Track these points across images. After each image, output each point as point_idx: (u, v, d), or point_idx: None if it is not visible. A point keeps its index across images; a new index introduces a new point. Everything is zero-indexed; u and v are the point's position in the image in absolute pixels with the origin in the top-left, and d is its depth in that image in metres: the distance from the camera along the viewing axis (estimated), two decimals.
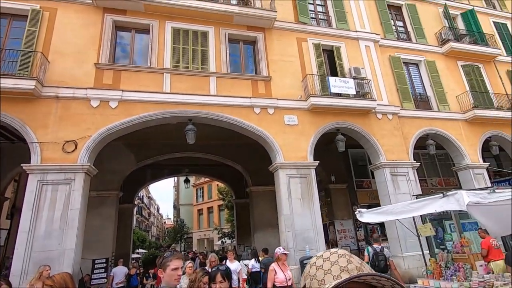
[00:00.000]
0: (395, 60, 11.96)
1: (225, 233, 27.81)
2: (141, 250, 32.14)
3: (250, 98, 9.22)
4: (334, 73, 10.47)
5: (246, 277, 7.49)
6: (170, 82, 8.72)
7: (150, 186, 54.03)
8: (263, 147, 9.67)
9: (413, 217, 6.52)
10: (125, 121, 8.00)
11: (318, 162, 9.25)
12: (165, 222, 67.66)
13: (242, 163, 14.13)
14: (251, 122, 9.02)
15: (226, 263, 6.44)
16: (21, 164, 7.19)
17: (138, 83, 8.44)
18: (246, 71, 10.05)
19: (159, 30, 9.20)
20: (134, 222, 19.40)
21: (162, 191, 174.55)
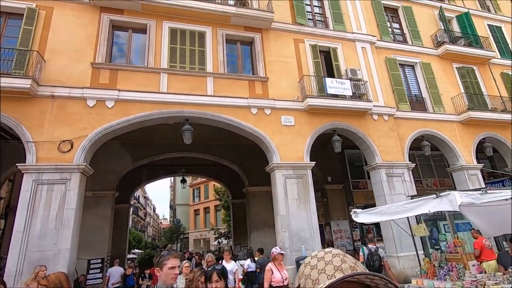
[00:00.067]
0: (391, 61, 12.06)
1: (221, 233, 27.77)
2: (137, 251, 31.98)
3: (247, 98, 9.25)
4: (330, 74, 10.53)
5: (241, 277, 7.52)
6: (167, 82, 8.71)
7: (146, 186, 53.89)
8: (260, 148, 9.69)
9: (407, 217, 6.59)
10: (121, 120, 7.98)
11: (315, 162, 9.30)
12: (161, 222, 67.36)
13: (238, 164, 14.14)
14: (248, 123, 9.05)
15: (222, 263, 6.45)
16: (16, 163, 7.13)
17: (135, 83, 8.42)
18: (243, 72, 10.07)
19: (156, 30, 9.19)
20: (130, 222, 19.29)
21: (159, 191, 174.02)
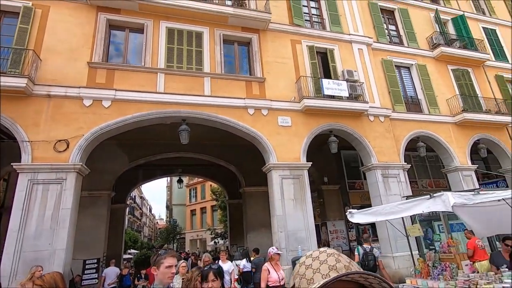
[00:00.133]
0: (387, 63, 12.15)
1: (218, 233, 27.73)
2: (133, 251, 31.81)
3: (244, 99, 9.27)
4: (327, 75, 10.59)
5: (237, 277, 7.54)
6: (164, 82, 8.70)
7: (142, 186, 53.67)
8: (257, 148, 9.72)
9: (402, 218, 6.65)
10: (118, 120, 7.96)
11: (311, 163, 9.34)
12: (157, 222, 67.09)
13: (235, 164, 14.16)
14: (245, 123, 9.07)
15: (218, 263, 6.47)
16: (11, 163, 7.09)
17: (131, 83, 8.40)
18: (241, 72, 10.09)
19: (154, 29, 9.18)
20: (126, 222, 19.22)
21: (155, 191, 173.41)
